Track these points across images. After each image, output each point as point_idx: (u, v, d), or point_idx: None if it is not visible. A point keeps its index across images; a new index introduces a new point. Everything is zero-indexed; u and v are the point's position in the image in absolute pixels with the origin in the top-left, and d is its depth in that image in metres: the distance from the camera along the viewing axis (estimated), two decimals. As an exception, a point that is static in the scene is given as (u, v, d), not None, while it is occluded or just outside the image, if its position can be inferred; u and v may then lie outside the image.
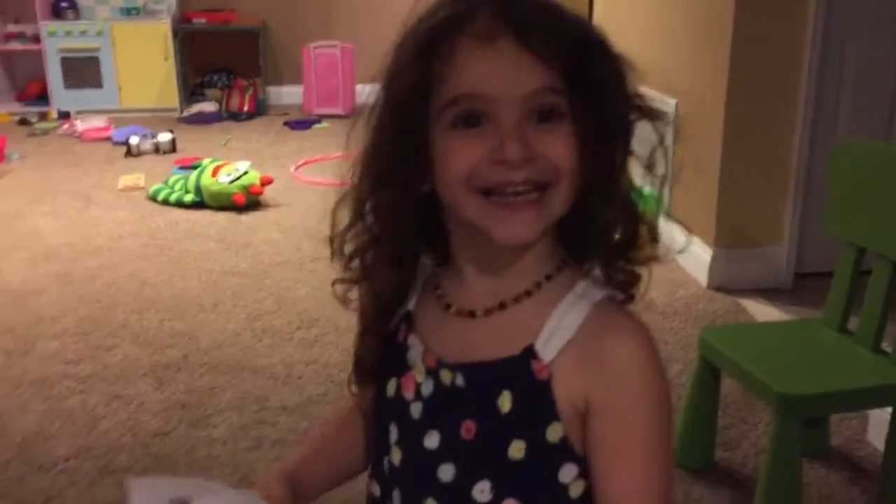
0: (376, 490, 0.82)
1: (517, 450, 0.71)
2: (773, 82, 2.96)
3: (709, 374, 2.00)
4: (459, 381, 0.74)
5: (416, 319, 0.79)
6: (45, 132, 5.61)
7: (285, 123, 5.89)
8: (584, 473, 0.72)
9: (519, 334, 0.72)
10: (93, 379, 2.49)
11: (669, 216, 0.81)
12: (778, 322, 2.54)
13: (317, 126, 5.80)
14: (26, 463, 2.08)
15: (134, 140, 5.00)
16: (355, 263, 0.79)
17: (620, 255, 0.74)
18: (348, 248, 0.78)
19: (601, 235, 0.73)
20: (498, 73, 0.66)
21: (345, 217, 0.77)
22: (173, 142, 5.06)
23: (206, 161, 4.31)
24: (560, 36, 0.67)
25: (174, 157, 4.89)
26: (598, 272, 0.75)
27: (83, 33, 5.97)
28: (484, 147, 0.67)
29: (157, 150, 5.02)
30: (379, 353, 0.80)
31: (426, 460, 0.74)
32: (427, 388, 0.76)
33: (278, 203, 4.14)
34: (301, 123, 5.85)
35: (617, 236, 0.73)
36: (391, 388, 0.79)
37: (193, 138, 5.40)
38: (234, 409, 2.33)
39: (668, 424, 0.72)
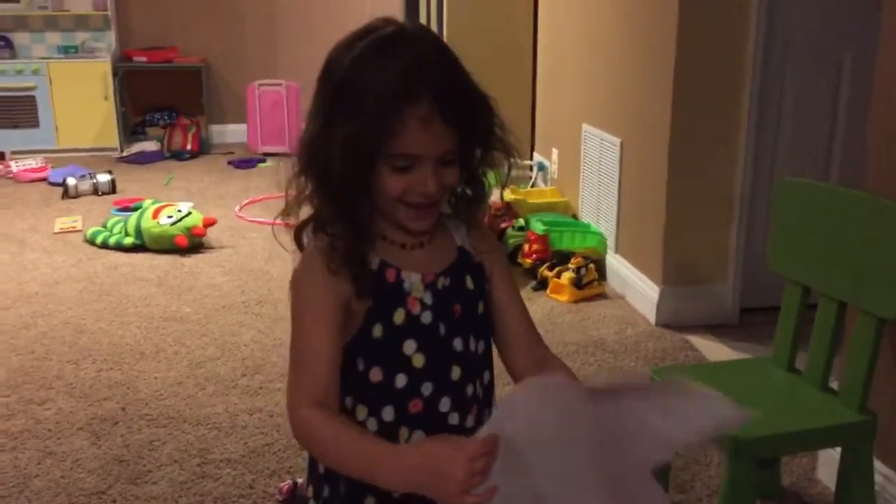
0: (390, 409, 1.11)
1: (481, 308, 1.18)
2: (715, 121, 3.01)
3: (660, 416, 1.98)
4: (447, 282, 1.14)
5: (392, 262, 1.12)
6: (-22, 173, 5.44)
7: (229, 162, 5.82)
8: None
9: (448, 246, 1.17)
10: (25, 435, 2.37)
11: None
12: (728, 361, 2.54)
13: (261, 164, 5.74)
14: (-49, 528, 1.97)
15: (71, 181, 4.88)
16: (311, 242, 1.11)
17: (474, 205, 1.18)
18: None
19: (465, 198, 1.18)
20: (430, 144, 1.05)
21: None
22: (113, 182, 4.95)
23: (146, 202, 4.22)
24: (468, 119, 1.06)
25: (113, 198, 4.79)
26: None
27: (18, 72, 5.84)
28: (410, 181, 1.06)
29: (95, 191, 4.90)
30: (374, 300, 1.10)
31: (445, 345, 1.13)
32: (428, 298, 1.12)
33: (222, 245, 4.07)
34: (245, 162, 5.78)
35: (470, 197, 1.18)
36: (399, 316, 1.10)
37: (134, 178, 5.29)
38: (174, 463, 2.24)
39: None
